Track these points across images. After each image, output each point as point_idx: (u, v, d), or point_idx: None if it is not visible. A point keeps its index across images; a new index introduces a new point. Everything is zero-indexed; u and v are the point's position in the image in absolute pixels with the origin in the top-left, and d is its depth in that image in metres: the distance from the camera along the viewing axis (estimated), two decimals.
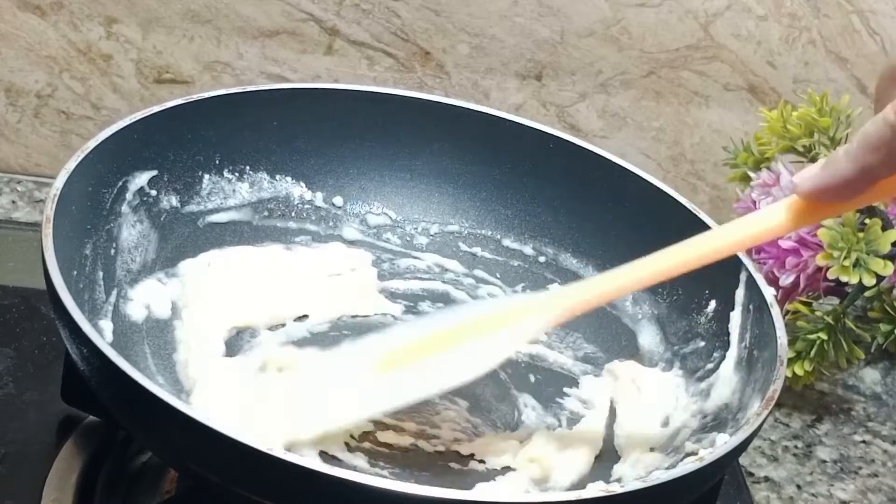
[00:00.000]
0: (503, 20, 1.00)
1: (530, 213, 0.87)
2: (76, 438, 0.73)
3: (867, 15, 1.00)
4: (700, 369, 0.77)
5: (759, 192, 0.89)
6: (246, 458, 0.56)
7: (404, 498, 0.56)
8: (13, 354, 0.80)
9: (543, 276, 0.86)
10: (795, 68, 1.02)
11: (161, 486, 0.73)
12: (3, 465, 0.72)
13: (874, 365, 0.99)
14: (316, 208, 0.86)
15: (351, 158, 0.87)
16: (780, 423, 0.92)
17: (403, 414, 0.74)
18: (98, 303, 0.73)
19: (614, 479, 0.71)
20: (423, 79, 1.02)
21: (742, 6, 1.00)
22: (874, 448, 0.91)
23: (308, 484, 0.56)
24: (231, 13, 0.99)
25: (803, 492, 0.86)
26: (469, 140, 0.87)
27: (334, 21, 0.99)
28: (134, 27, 0.99)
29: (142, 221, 0.77)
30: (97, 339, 0.60)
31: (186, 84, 1.01)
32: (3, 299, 0.84)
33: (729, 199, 1.01)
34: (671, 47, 1.01)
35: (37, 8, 0.98)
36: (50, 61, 1.00)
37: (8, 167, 1.03)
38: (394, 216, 0.88)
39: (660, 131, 1.05)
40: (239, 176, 0.83)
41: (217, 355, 0.74)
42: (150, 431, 0.62)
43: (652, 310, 0.82)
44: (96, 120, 1.02)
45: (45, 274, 0.64)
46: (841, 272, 0.83)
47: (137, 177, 0.77)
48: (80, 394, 0.70)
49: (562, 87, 1.03)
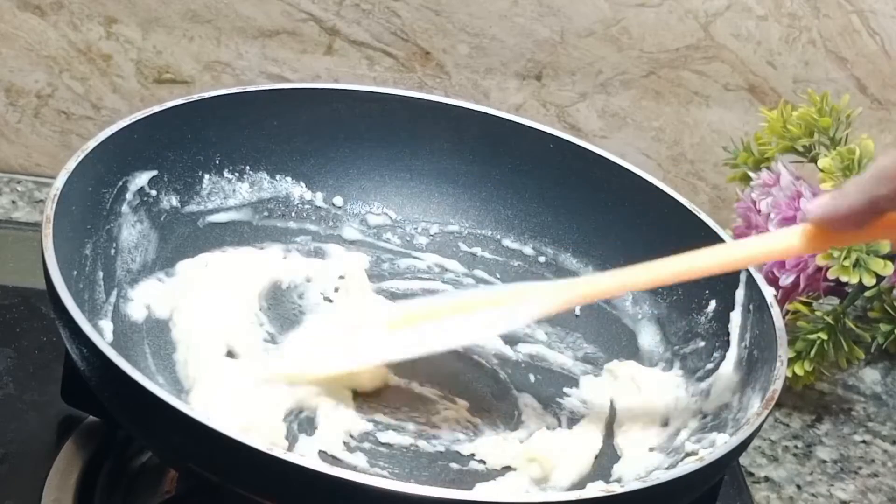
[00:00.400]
0: (503, 20, 1.00)
1: (530, 213, 0.87)
2: (76, 438, 0.73)
3: (867, 15, 1.00)
4: (700, 369, 0.77)
5: (759, 192, 0.89)
6: (246, 458, 0.56)
7: (404, 498, 0.56)
8: (13, 354, 0.80)
9: (543, 276, 0.86)
10: (795, 68, 1.02)
11: (161, 486, 0.73)
12: (3, 465, 0.72)
13: (874, 365, 0.99)
14: (316, 208, 0.86)
15: (351, 158, 0.87)
16: (780, 423, 0.92)
17: (403, 414, 0.74)
18: (98, 303, 0.73)
19: (614, 479, 0.71)
20: (423, 79, 1.02)
21: (742, 6, 1.00)
22: (874, 448, 0.91)
23: (308, 484, 0.56)
24: (231, 13, 0.99)
25: (803, 492, 0.86)
26: (469, 140, 0.87)
27: (334, 21, 0.99)
28: (134, 27, 0.99)
29: (142, 221, 0.77)
30: (97, 339, 0.60)
31: (186, 84, 1.01)
32: (3, 299, 0.84)
33: (729, 199, 1.01)
34: (671, 47, 1.01)
35: (37, 8, 0.98)
36: (50, 61, 1.00)
37: (8, 167, 1.03)
38: (394, 216, 0.88)
39: (660, 131, 1.05)
40: (239, 176, 0.83)
41: (217, 355, 0.74)
42: (150, 431, 0.62)
43: (652, 310, 0.82)
44: (96, 120, 1.02)
45: (45, 274, 0.64)
46: (841, 272, 0.84)
47: (137, 177, 0.77)
48: (80, 394, 0.70)
49: (562, 87, 1.03)
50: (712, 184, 1.06)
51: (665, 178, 1.04)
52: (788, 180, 0.88)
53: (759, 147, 0.93)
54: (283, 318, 0.79)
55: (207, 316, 0.76)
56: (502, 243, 0.87)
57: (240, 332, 0.76)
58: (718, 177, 1.05)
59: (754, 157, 0.93)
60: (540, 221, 0.87)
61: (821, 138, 0.90)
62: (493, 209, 0.88)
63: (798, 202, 0.87)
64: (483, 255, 0.87)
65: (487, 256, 0.87)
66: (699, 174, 1.06)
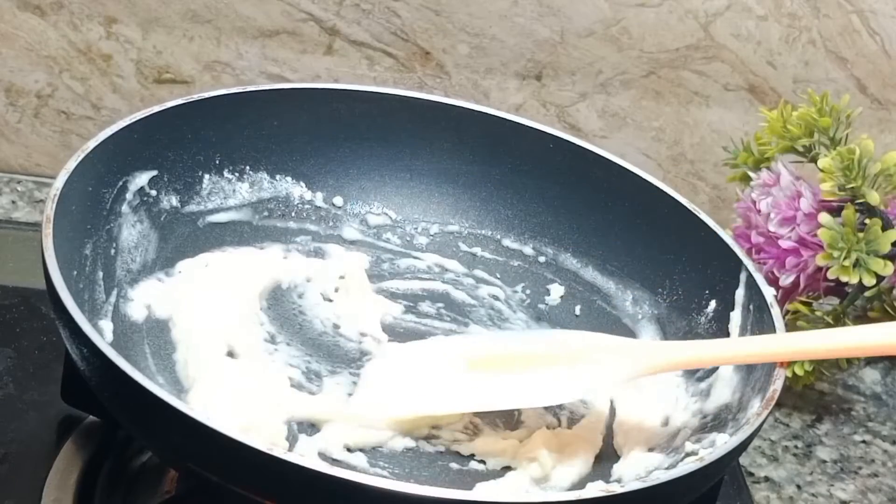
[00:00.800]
0: (503, 20, 1.00)
1: (530, 213, 0.87)
2: (76, 438, 0.73)
3: (867, 15, 1.00)
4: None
5: (759, 192, 0.89)
6: (246, 458, 0.56)
7: (404, 498, 0.56)
8: (13, 354, 0.80)
9: (543, 276, 0.86)
10: (795, 68, 1.02)
11: (161, 486, 0.73)
12: (3, 465, 0.72)
13: (874, 365, 0.99)
14: (316, 208, 0.86)
15: (351, 158, 0.87)
16: (780, 423, 0.92)
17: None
18: (98, 303, 0.73)
19: (614, 479, 0.71)
20: (423, 79, 1.02)
21: (742, 6, 1.00)
22: (874, 448, 0.91)
23: (308, 484, 0.56)
24: (231, 13, 0.99)
25: (803, 492, 0.86)
26: (469, 140, 0.87)
27: (334, 21, 0.99)
28: (134, 27, 0.99)
29: (142, 221, 0.77)
30: (97, 339, 0.60)
31: (186, 84, 1.01)
32: (3, 299, 0.84)
33: (729, 199, 1.01)
34: (671, 47, 1.01)
35: (37, 8, 0.98)
36: (50, 61, 1.00)
37: (8, 167, 1.03)
38: (394, 216, 0.88)
39: (660, 131, 1.05)
40: (239, 176, 0.83)
41: (217, 355, 0.74)
42: (150, 431, 0.62)
43: (652, 310, 0.82)
44: (96, 120, 1.02)
45: (45, 274, 0.64)
46: (841, 272, 0.83)
47: (137, 177, 0.77)
48: (80, 394, 0.70)
49: (562, 87, 1.03)
50: (712, 184, 1.06)
51: (665, 178, 1.04)
52: (788, 180, 0.88)
53: (759, 147, 0.93)
54: (283, 318, 0.80)
55: (207, 316, 0.76)
56: (502, 243, 0.87)
57: (240, 332, 0.76)
58: (718, 177, 1.05)
59: (754, 157, 0.93)
60: (540, 221, 0.87)
61: (821, 138, 0.89)
62: (493, 209, 0.88)
63: (798, 202, 0.87)
64: (483, 255, 0.87)
65: (487, 256, 0.87)
66: (699, 174, 1.06)
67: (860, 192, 0.84)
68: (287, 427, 0.70)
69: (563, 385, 0.71)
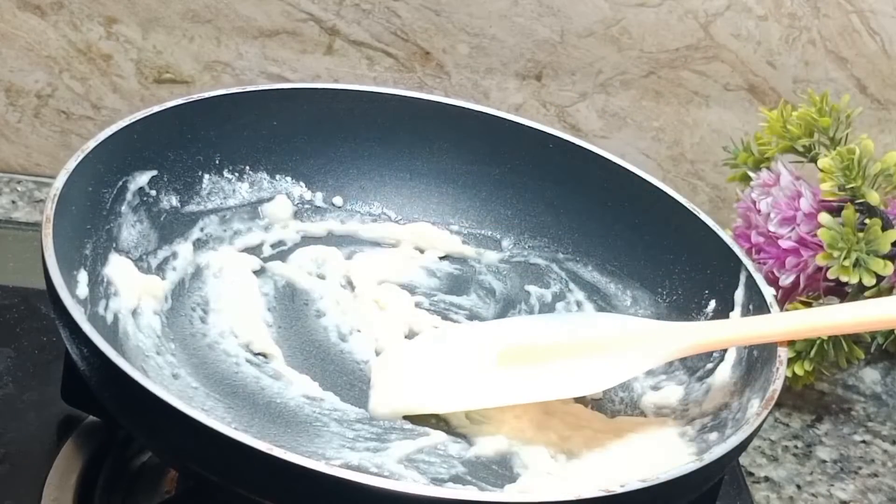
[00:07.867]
0: (503, 20, 1.00)
1: (530, 213, 0.87)
2: (76, 438, 0.73)
3: (867, 15, 1.00)
4: (700, 369, 0.77)
5: (759, 192, 0.89)
6: (246, 458, 0.56)
7: (404, 498, 0.56)
8: (13, 354, 0.80)
9: (544, 275, 0.86)
10: (795, 68, 1.02)
11: (161, 486, 0.73)
12: (3, 465, 0.72)
13: (874, 365, 0.99)
14: (316, 208, 0.86)
15: (351, 158, 0.87)
16: (780, 423, 0.92)
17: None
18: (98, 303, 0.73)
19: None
20: (423, 79, 1.02)
21: (742, 6, 1.00)
22: (874, 448, 0.91)
23: (308, 484, 0.56)
24: (231, 13, 0.99)
25: (803, 492, 0.86)
26: (469, 140, 0.87)
27: (334, 21, 0.99)
28: (134, 27, 0.99)
29: (142, 221, 0.77)
30: (97, 339, 0.60)
31: (186, 84, 1.01)
32: (3, 299, 0.84)
33: (729, 199, 1.01)
34: (671, 47, 1.01)
35: (37, 8, 0.98)
36: (50, 61, 1.00)
37: (8, 167, 1.03)
38: (394, 216, 0.88)
39: (660, 131, 1.05)
40: (239, 176, 0.83)
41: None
42: (150, 431, 0.62)
43: (652, 310, 0.82)
44: (96, 120, 1.02)
45: (45, 274, 0.64)
46: (841, 272, 0.83)
47: (137, 177, 0.77)
48: (80, 394, 0.70)
49: (562, 87, 1.03)
50: (712, 184, 1.06)
51: (665, 178, 1.04)
52: (788, 180, 0.88)
53: (759, 147, 0.93)
54: (287, 318, 0.79)
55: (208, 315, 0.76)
56: (502, 243, 0.87)
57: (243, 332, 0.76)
58: (718, 177, 1.05)
59: (754, 157, 0.93)
60: (540, 221, 0.87)
61: (821, 138, 0.90)
62: (493, 209, 0.88)
63: (798, 202, 0.87)
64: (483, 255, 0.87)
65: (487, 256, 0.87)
66: (699, 174, 1.06)
67: (860, 192, 0.84)
68: None
69: (598, 374, 0.70)
